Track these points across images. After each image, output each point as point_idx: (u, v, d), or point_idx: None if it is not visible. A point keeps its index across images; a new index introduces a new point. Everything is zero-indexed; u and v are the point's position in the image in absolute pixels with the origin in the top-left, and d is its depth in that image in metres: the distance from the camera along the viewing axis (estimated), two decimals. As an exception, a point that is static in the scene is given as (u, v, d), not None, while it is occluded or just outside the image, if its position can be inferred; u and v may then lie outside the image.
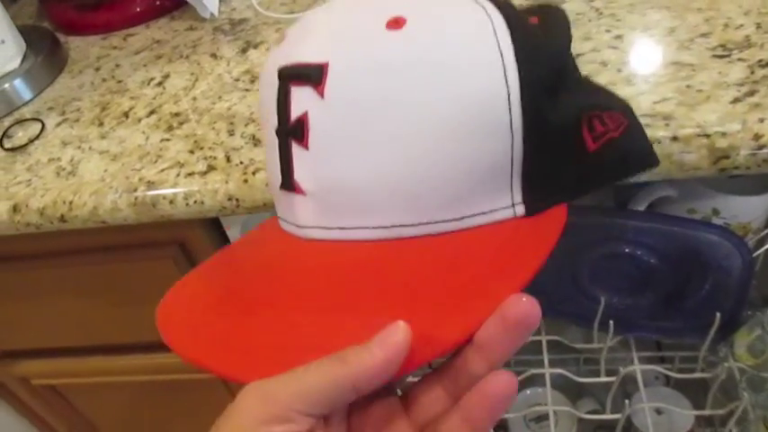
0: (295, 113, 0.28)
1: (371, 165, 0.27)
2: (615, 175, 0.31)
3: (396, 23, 0.27)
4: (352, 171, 0.28)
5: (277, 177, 0.30)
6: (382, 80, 0.27)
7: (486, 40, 0.27)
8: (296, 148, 0.29)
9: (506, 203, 0.29)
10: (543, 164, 0.28)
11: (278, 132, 0.29)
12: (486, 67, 0.27)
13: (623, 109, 0.31)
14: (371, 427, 0.27)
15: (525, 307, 0.24)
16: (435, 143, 0.27)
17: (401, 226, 0.28)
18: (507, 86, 0.27)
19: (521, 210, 0.29)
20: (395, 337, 0.23)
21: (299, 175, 0.29)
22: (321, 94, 0.27)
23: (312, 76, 0.28)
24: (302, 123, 0.28)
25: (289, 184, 0.29)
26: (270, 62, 0.31)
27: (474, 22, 0.27)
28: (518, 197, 0.29)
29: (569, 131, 0.29)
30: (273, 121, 0.30)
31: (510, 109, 0.27)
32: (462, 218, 0.28)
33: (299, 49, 0.29)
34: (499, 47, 0.27)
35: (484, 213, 0.29)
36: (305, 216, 0.30)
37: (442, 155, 0.27)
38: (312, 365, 0.24)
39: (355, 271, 0.28)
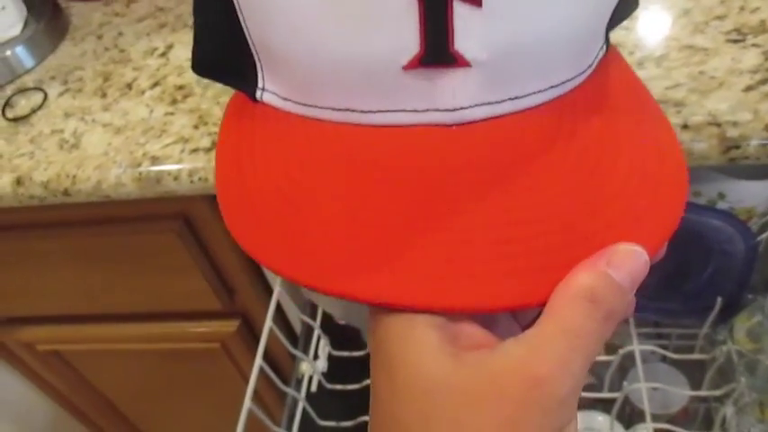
0: None
1: (552, 13, 0.25)
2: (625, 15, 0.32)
3: None
4: (535, 24, 0.24)
5: (400, 55, 0.25)
6: None
7: None
8: (461, 8, 0.24)
9: (602, 42, 0.29)
10: None
11: None
12: None
13: None
14: None
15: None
16: None
17: (567, 81, 0.27)
18: None
19: (604, 48, 0.29)
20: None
21: (465, 42, 0.24)
22: None
23: None
24: None
25: (442, 56, 0.24)
26: None
27: None
28: (604, 36, 0.29)
29: None
30: None
31: None
32: (591, 64, 0.28)
33: None
34: None
35: (597, 57, 0.28)
36: (465, 94, 0.25)
37: None
38: None
39: (544, 142, 0.25)
